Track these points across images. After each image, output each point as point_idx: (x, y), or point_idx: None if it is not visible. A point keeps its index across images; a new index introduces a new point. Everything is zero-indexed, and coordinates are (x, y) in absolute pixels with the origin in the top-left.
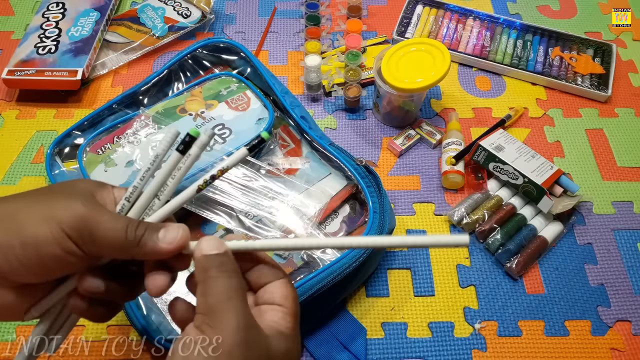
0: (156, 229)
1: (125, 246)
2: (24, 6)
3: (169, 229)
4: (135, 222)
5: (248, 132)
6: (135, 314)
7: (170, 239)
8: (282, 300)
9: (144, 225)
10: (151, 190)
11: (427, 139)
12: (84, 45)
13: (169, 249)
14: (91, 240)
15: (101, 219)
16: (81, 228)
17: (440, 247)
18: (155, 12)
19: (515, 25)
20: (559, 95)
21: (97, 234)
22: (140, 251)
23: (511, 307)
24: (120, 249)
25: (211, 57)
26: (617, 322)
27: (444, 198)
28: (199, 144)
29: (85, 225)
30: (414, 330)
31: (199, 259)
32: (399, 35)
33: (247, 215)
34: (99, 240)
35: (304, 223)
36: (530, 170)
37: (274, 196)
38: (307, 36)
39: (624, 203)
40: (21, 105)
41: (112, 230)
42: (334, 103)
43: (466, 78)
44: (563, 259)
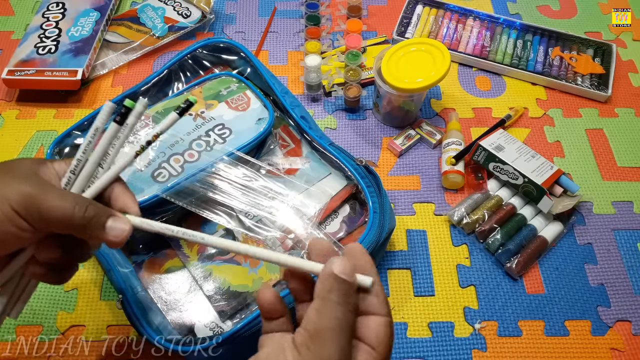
0: (105, 214)
1: (73, 226)
2: (24, 6)
3: (116, 220)
4: (84, 202)
5: (248, 132)
6: (135, 314)
7: (116, 234)
8: (375, 343)
9: (92, 208)
10: (94, 160)
11: (427, 139)
12: (84, 45)
13: (115, 241)
14: (40, 218)
15: (48, 197)
16: (30, 206)
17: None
18: (155, 12)
19: (515, 25)
20: (559, 95)
21: (45, 212)
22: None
23: (511, 307)
24: (68, 228)
25: (211, 57)
26: (617, 322)
27: (444, 198)
28: (135, 113)
29: (33, 203)
30: (414, 330)
31: (329, 275)
32: (399, 35)
33: (247, 215)
34: (47, 218)
35: (304, 223)
36: (530, 170)
37: (274, 196)
38: (307, 36)
39: (624, 203)
40: (21, 105)
41: (60, 208)
42: (334, 103)
43: (466, 78)
44: (563, 259)
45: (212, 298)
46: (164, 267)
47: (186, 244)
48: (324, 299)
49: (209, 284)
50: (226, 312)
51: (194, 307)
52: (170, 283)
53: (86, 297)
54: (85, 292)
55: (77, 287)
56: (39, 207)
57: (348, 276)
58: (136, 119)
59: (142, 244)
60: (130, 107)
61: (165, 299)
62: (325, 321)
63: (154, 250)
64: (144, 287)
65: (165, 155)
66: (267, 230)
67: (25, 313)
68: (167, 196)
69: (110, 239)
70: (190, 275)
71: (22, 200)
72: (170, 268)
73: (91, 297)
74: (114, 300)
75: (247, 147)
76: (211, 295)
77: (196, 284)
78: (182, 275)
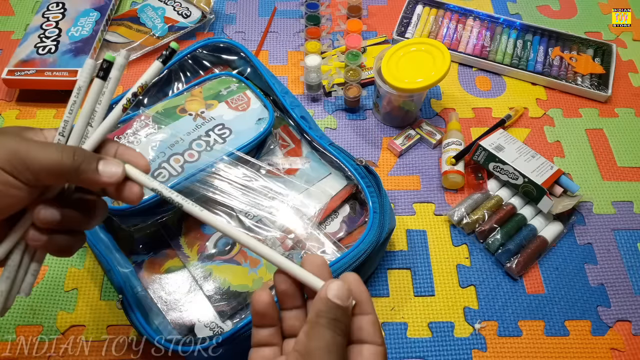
0: (95, 158)
1: (63, 172)
2: (24, 6)
3: (107, 162)
4: (70, 149)
5: (248, 132)
6: (135, 314)
7: (110, 174)
8: None
9: (80, 152)
10: (82, 118)
11: (427, 139)
12: (84, 45)
13: (110, 182)
14: (25, 168)
15: (30, 147)
16: (12, 159)
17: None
18: (155, 12)
19: (515, 25)
20: (559, 95)
21: (30, 161)
22: (79, 178)
23: (511, 307)
24: (58, 174)
25: (211, 57)
26: (617, 322)
27: (444, 198)
28: (117, 66)
29: (15, 155)
30: (414, 330)
31: (322, 300)
32: (399, 35)
33: (247, 215)
34: (32, 167)
35: (304, 223)
36: (530, 170)
37: (274, 196)
38: (307, 36)
39: (624, 203)
40: (21, 105)
41: (46, 157)
42: (334, 103)
43: (466, 78)
44: (563, 259)
45: (212, 298)
46: (164, 267)
47: (186, 244)
48: (313, 324)
49: (209, 284)
50: (226, 312)
51: (194, 307)
52: (170, 283)
53: (86, 297)
54: (85, 292)
55: (77, 287)
56: (24, 160)
57: (343, 301)
58: (119, 72)
59: (142, 244)
60: (111, 61)
61: (165, 299)
62: (314, 342)
63: (154, 250)
64: (144, 287)
65: (165, 155)
66: (267, 230)
67: (25, 313)
68: None
69: (104, 179)
70: (190, 275)
71: (6, 155)
72: (170, 268)
73: (91, 297)
74: (114, 300)
75: (247, 147)
76: (211, 295)
77: (196, 284)
78: (182, 275)
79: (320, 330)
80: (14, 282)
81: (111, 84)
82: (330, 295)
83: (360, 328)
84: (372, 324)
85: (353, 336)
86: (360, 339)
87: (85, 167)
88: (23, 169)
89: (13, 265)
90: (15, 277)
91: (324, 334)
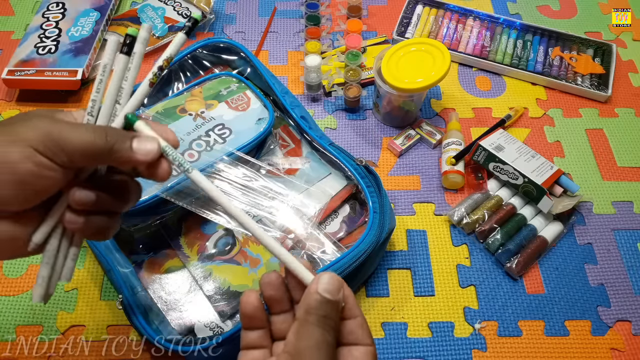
0: (128, 136)
1: (97, 152)
2: (24, 6)
3: (141, 139)
4: (101, 129)
5: (248, 132)
6: (135, 314)
7: (146, 151)
8: None
9: (113, 132)
10: (110, 96)
11: (427, 139)
12: (84, 45)
13: (145, 159)
14: (60, 149)
15: (63, 128)
16: (46, 140)
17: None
18: (155, 12)
19: (515, 25)
20: (559, 95)
21: (63, 142)
22: (113, 157)
23: (511, 307)
24: (92, 155)
25: (211, 57)
26: (617, 322)
27: (444, 198)
28: (141, 40)
29: (49, 136)
30: (414, 330)
31: (312, 295)
32: (399, 35)
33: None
34: (67, 148)
35: (304, 223)
36: (530, 170)
37: (274, 196)
38: (307, 36)
39: (624, 203)
40: (21, 105)
41: (79, 138)
42: (334, 103)
43: (466, 78)
44: (563, 259)
45: (212, 298)
46: (164, 267)
47: (186, 244)
48: (302, 323)
49: (209, 284)
50: (226, 312)
51: (194, 307)
52: (170, 283)
53: (86, 297)
54: (85, 292)
55: (77, 287)
56: (57, 141)
57: (333, 295)
58: (143, 45)
59: (142, 244)
60: (134, 35)
61: (165, 299)
62: (303, 342)
63: (154, 250)
64: (144, 287)
65: None
66: (267, 230)
67: (25, 313)
68: (167, 196)
69: (139, 157)
70: (190, 275)
71: (38, 135)
72: (170, 268)
73: (91, 297)
74: (114, 300)
75: (247, 147)
76: (211, 295)
77: (196, 284)
78: (182, 275)
79: (310, 328)
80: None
81: (136, 59)
82: (321, 290)
83: (350, 332)
84: (361, 326)
85: (343, 339)
86: (350, 342)
87: (118, 146)
88: (57, 150)
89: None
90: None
91: (313, 332)
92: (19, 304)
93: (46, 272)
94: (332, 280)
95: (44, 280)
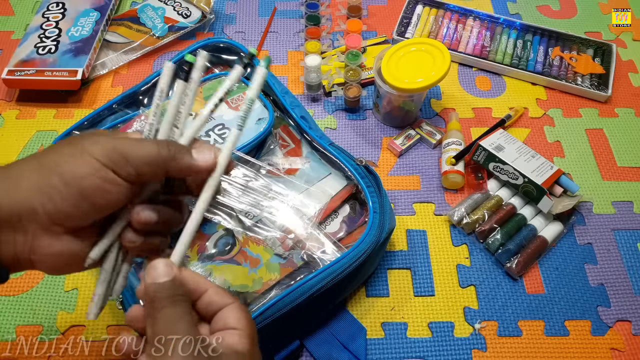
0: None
1: (160, 160)
2: (24, 6)
3: (199, 149)
4: (164, 140)
5: (248, 132)
6: None
7: (205, 158)
8: (235, 323)
9: (174, 144)
10: (168, 120)
11: (427, 139)
12: (84, 45)
13: (206, 166)
14: (125, 162)
15: (127, 142)
16: (113, 154)
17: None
18: (155, 12)
19: (515, 25)
20: (559, 95)
21: (129, 155)
22: (176, 166)
23: (511, 307)
24: (157, 165)
25: (211, 57)
26: (617, 322)
27: (444, 198)
28: (198, 67)
29: (115, 150)
30: (414, 330)
31: (148, 286)
32: (399, 35)
33: (247, 215)
34: (132, 159)
35: (304, 223)
36: (530, 170)
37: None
38: (307, 36)
39: (624, 203)
40: (21, 105)
41: (142, 148)
42: (334, 103)
43: (466, 78)
44: (563, 259)
45: None
46: None
47: None
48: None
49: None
50: None
51: None
52: None
53: (86, 297)
54: (85, 292)
55: (77, 287)
56: (123, 154)
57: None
58: (200, 72)
59: None
60: (192, 62)
61: None
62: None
63: None
64: None
65: None
66: (267, 230)
67: (25, 313)
68: None
69: (200, 164)
70: None
71: (105, 150)
72: None
73: (91, 297)
74: (114, 300)
75: (247, 147)
76: None
77: None
78: None
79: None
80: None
81: (193, 85)
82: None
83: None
84: (216, 293)
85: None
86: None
87: (180, 155)
88: (123, 163)
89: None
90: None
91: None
92: (19, 304)
93: (102, 289)
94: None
95: (100, 299)
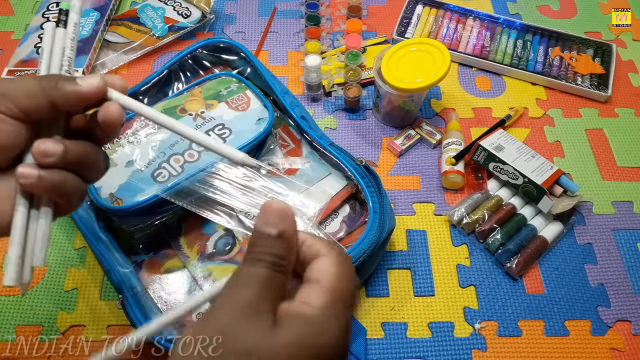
0: (70, 77)
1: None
2: (24, 6)
3: (84, 77)
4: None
5: (248, 132)
6: (135, 314)
7: (89, 82)
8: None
9: (56, 75)
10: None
11: (427, 139)
12: (84, 46)
13: (91, 91)
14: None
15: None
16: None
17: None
18: (155, 12)
19: (515, 25)
20: (559, 95)
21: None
22: (60, 94)
23: (511, 307)
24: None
25: (211, 57)
26: (617, 322)
27: (444, 198)
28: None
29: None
30: (414, 330)
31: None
32: (399, 35)
33: (247, 215)
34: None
35: (304, 223)
36: (530, 170)
37: (274, 196)
38: (307, 36)
39: (624, 203)
40: None
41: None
42: (334, 103)
43: (466, 78)
44: (563, 259)
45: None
46: (164, 267)
47: (186, 244)
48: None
49: (209, 284)
50: None
51: None
52: (170, 283)
53: (86, 297)
54: (85, 292)
55: (77, 287)
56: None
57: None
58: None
59: (142, 244)
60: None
61: (165, 299)
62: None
63: (154, 250)
64: (144, 287)
65: (165, 155)
66: None
67: (25, 313)
68: (167, 196)
69: (85, 89)
70: (190, 275)
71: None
72: (170, 268)
73: (91, 297)
74: (114, 300)
75: (247, 147)
76: None
77: (196, 284)
78: (182, 275)
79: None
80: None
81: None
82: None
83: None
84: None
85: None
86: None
87: (62, 83)
88: (1, 99)
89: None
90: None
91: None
92: (19, 304)
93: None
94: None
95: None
